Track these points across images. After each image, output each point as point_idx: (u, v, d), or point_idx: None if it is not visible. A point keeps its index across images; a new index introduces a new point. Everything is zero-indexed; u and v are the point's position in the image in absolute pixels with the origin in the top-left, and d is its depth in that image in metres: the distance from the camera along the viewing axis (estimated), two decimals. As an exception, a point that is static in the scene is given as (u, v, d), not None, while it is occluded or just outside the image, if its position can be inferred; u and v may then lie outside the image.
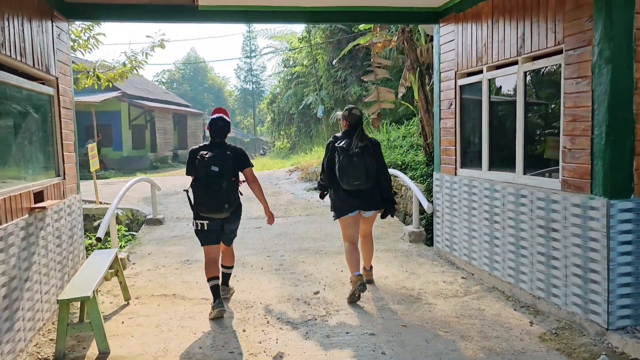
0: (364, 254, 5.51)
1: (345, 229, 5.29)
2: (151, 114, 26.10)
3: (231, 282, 5.56)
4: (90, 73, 8.24)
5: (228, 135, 4.97)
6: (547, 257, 4.49)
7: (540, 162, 4.81)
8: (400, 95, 11.10)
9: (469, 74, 5.84)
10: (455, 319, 4.56)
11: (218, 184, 4.57)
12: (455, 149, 6.12)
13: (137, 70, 8.77)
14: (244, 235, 7.99)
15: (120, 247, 7.61)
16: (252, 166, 5.03)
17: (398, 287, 5.47)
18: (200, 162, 4.61)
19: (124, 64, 8.61)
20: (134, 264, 6.72)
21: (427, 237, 7.37)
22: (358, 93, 19.45)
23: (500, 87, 5.40)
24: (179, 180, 15.16)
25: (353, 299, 5.02)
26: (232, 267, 5.34)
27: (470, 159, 5.95)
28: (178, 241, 7.86)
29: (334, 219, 5.35)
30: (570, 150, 4.17)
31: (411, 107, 10.59)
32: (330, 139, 5.30)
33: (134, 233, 8.25)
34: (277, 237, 7.91)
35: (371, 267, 5.66)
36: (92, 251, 7.85)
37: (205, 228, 4.81)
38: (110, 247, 7.39)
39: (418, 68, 9.59)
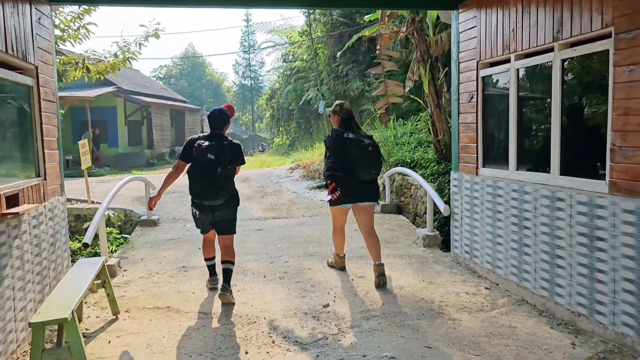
0: (372, 250, 5.45)
1: (339, 216, 5.61)
2: (148, 109, 25.46)
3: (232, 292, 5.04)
4: (79, 64, 7.67)
5: (227, 130, 5.06)
6: (591, 270, 3.96)
7: (581, 161, 4.27)
8: (407, 89, 10.57)
9: (493, 64, 5.30)
10: (485, 339, 4.03)
11: (214, 171, 4.65)
12: (477, 146, 5.58)
13: (130, 61, 8.21)
14: (244, 239, 7.46)
15: (111, 251, 7.07)
16: (244, 164, 5.15)
17: (416, 299, 4.94)
18: (197, 150, 4.70)
19: (116, 55, 8.04)
20: (125, 270, 6.18)
21: (441, 240, 6.85)
22: (360, 88, 18.89)
23: (531, 77, 4.86)
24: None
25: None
26: (233, 263, 5.07)
27: (494, 157, 5.41)
28: (174, 245, 7.33)
29: (331, 205, 5.51)
30: (621, 148, 3.63)
31: (420, 101, 10.05)
32: (334, 133, 5.35)
33: (126, 236, 7.71)
34: (280, 240, 7.37)
35: (381, 263, 5.37)
36: (82, 256, 7.33)
37: (197, 217, 5.05)
38: (99, 252, 6.85)
39: (429, 60, 9.04)
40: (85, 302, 5.12)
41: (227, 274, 4.99)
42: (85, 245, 5.47)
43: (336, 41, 20.74)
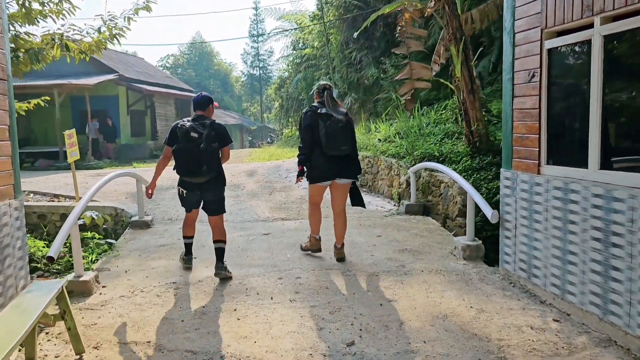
0: (338, 232, 5.61)
1: (314, 195, 5.61)
2: (151, 98, 24.34)
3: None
4: (56, 40, 6.58)
5: (211, 114, 5.26)
6: None
7: None
8: (433, 73, 9.41)
9: (565, 32, 4.13)
10: (575, 405, 2.92)
11: (197, 147, 4.83)
12: (539, 137, 4.43)
13: (117, 39, 7.10)
14: (248, 246, 6.37)
15: (91, 262, 6.00)
16: (231, 143, 5.26)
17: (467, 335, 3.82)
18: (180, 130, 4.92)
19: (99, 31, 6.93)
20: (103, 287, 5.11)
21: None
22: (375, 76, 17.72)
23: (625, 45, 3.69)
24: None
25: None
26: (224, 242, 5.33)
27: (564, 151, 4.26)
28: (166, 252, 6.24)
29: (309, 184, 5.52)
30: None
31: (451, 85, 8.87)
32: (309, 109, 5.45)
33: (111, 241, 6.62)
34: (290, 248, 6.26)
35: (343, 245, 5.63)
36: (60, 267, 6.28)
37: (184, 196, 5.20)
38: (85, 266, 5.79)
39: (462, 38, 7.86)
40: (47, 332, 4.07)
41: (220, 252, 5.24)
42: (50, 259, 4.42)
43: (349, 26, 19.54)
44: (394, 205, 8.56)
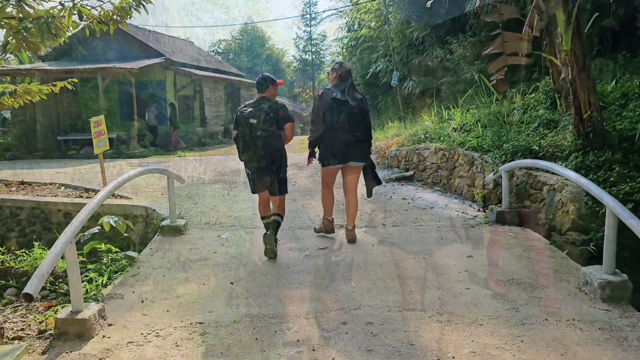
0: (349, 212, 5.63)
1: (327, 176, 5.64)
2: (200, 83, 23.25)
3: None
4: (68, 4, 5.33)
5: (273, 94, 5.24)
6: None
7: None
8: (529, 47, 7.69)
9: None
10: None
11: (255, 134, 4.94)
12: None
13: (143, 5, 5.80)
14: (300, 266, 4.97)
15: (102, 284, 4.76)
16: (293, 122, 5.22)
17: None
18: (240, 115, 5.06)
19: (119, -7, 5.65)
20: (109, 325, 3.86)
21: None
22: (439, 57, 15.97)
23: None
24: (226, 162, 12.33)
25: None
26: (282, 217, 5.37)
27: None
28: (197, 271, 4.93)
29: (322, 166, 5.56)
30: None
31: (556, 61, 7.11)
32: (323, 91, 5.41)
33: (132, 254, 5.33)
34: (355, 271, 4.80)
35: (354, 226, 5.62)
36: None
37: (250, 177, 5.24)
38: (96, 291, 4.59)
39: (576, 2, 6.13)
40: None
41: (276, 225, 5.30)
42: (27, 297, 3.19)
43: (411, 2, 17.78)
44: (478, 210, 6.96)
